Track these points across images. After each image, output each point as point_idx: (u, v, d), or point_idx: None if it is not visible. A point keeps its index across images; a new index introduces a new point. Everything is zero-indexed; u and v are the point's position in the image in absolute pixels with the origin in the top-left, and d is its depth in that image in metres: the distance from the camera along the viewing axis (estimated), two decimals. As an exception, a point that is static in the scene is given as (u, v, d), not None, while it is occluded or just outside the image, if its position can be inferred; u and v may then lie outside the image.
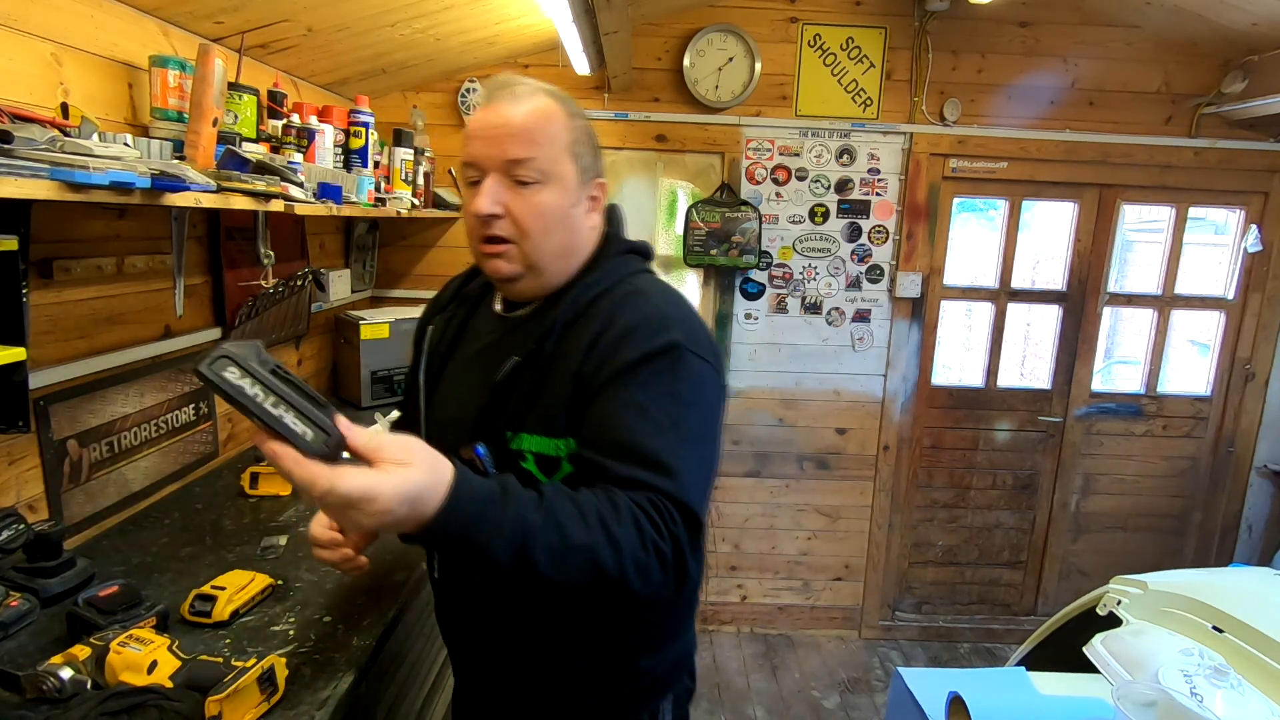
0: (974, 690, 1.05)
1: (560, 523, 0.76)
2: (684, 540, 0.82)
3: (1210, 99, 2.96)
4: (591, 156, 1.02)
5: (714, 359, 0.97)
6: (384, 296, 3.01)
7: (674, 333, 0.92)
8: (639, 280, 1.03)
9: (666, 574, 0.81)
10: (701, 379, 0.93)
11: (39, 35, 1.28)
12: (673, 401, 0.89)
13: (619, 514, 0.79)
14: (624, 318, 0.95)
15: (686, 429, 0.88)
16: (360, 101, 2.18)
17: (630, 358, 0.90)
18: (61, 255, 1.39)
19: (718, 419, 0.97)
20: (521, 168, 0.95)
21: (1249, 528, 3.31)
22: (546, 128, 0.96)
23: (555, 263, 1.01)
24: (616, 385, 0.90)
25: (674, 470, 0.84)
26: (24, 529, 1.20)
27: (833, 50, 2.92)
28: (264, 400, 0.62)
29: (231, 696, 0.92)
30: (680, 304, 1.00)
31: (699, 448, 0.90)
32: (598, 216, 1.05)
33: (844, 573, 3.32)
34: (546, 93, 0.99)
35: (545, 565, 0.75)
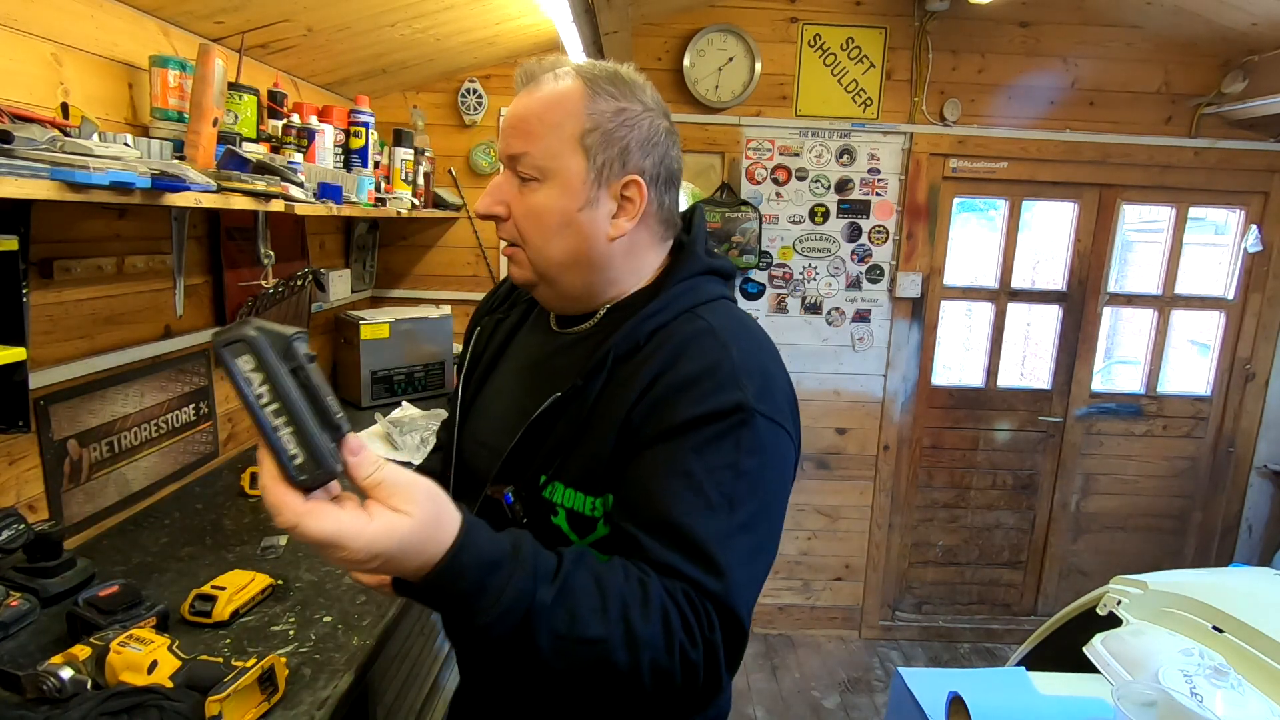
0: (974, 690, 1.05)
1: (574, 606, 0.65)
2: (720, 650, 0.70)
3: (1210, 99, 2.96)
4: (621, 150, 0.84)
5: (790, 424, 0.82)
6: (384, 296, 3.01)
7: (745, 390, 0.77)
8: (712, 313, 0.85)
9: (691, 684, 0.70)
10: (771, 450, 0.79)
11: (39, 35, 1.28)
12: (732, 477, 0.75)
13: (648, 606, 0.67)
14: (687, 363, 0.79)
15: (744, 513, 0.75)
16: (360, 101, 2.18)
17: (687, 415, 0.76)
18: (62, 255, 1.39)
19: (783, 499, 0.82)
20: (519, 163, 0.84)
21: (1249, 528, 3.31)
22: (548, 116, 0.83)
23: (569, 275, 0.88)
24: (668, 446, 0.77)
25: (721, 566, 0.71)
26: (24, 529, 1.20)
27: (833, 50, 2.92)
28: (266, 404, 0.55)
29: (231, 696, 0.92)
30: (759, 350, 0.84)
31: (755, 537, 0.76)
32: (629, 224, 0.86)
33: (844, 573, 3.32)
34: (578, 73, 0.85)
35: (548, 651, 0.65)
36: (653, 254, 0.91)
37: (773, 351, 0.87)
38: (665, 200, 0.90)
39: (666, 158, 0.88)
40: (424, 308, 2.78)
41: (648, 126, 0.86)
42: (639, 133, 0.85)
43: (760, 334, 0.88)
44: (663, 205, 0.90)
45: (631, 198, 0.86)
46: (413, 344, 2.60)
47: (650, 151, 0.86)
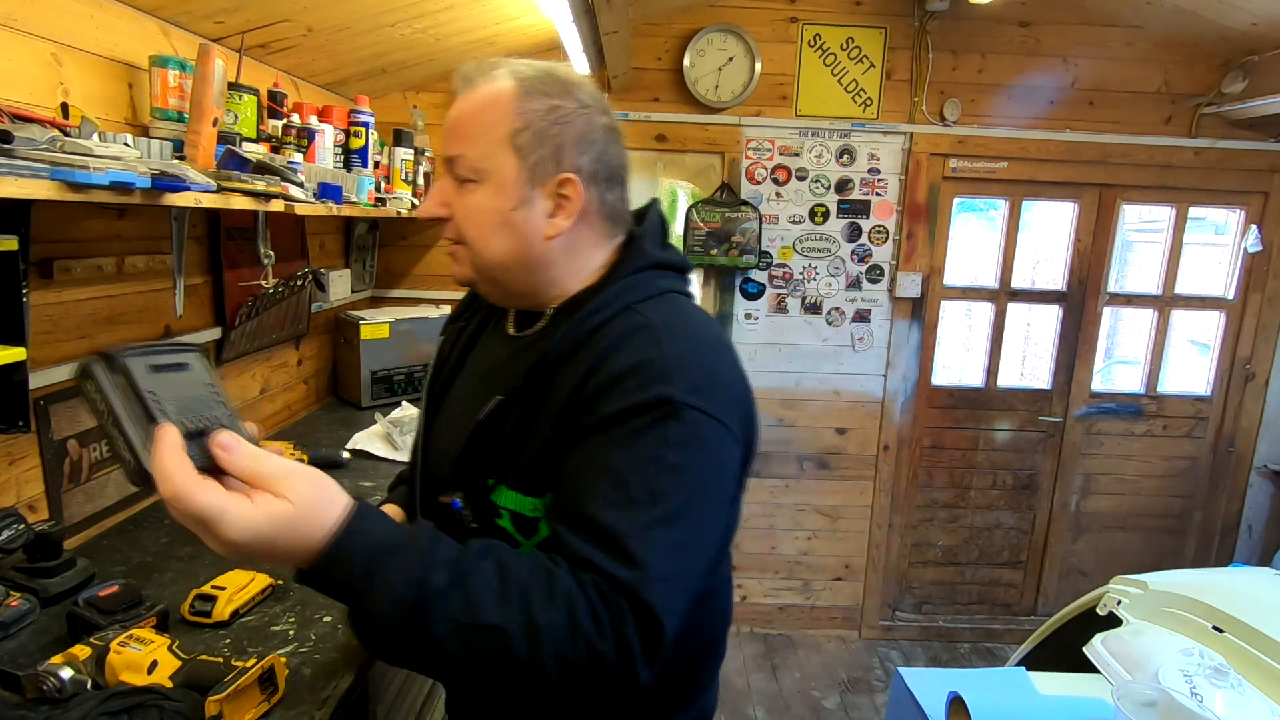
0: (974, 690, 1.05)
1: (470, 593, 0.65)
2: (635, 644, 0.67)
3: (1210, 99, 2.96)
4: (554, 149, 0.84)
5: (731, 419, 0.79)
6: (384, 296, 3.01)
7: (672, 384, 0.75)
8: (654, 308, 0.84)
9: (603, 677, 0.67)
10: (702, 444, 0.76)
11: (39, 35, 1.28)
12: (656, 470, 0.73)
13: (552, 595, 0.66)
14: (618, 359, 0.78)
15: (667, 506, 0.72)
16: (360, 101, 2.18)
17: (612, 410, 0.75)
18: (62, 255, 1.38)
19: (718, 494, 0.79)
20: (456, 165, 0.85)
21: (1249, 528, 3.31)
22: (480, 118, 0.83)
23: (510, 275, 0.88)
24: (594, 442, 0.76)
25: (638, 559, 0.69)
26: (24, 529, 1.20)
27: (833, 50, 2.92)
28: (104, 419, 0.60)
29: (232, 696, 0.92)
30: (698, 344, 0.82)
31: (679, 532, 0.73)
32: (566, 222, 0.86)
33: (844, 573, 3.32)
34: (511, 74, 0.84)
35: (444, 639, 0.64)
36: (598, 252, 0.91)
37: (718, 345, 0.85)
38: (608, 197, 0.89)
39: (606, 154, 0.88)
40: (424, 308, 2.78)
41: (583, 124, 0.85)
42: (573, 130, 0.84)
43: (706, 328, 0.86)
44: (605, 202, 0.89)
45: (568, 196, 0.85)
46: (413, 344, 2.60)
47: (587, 149, 0.86)
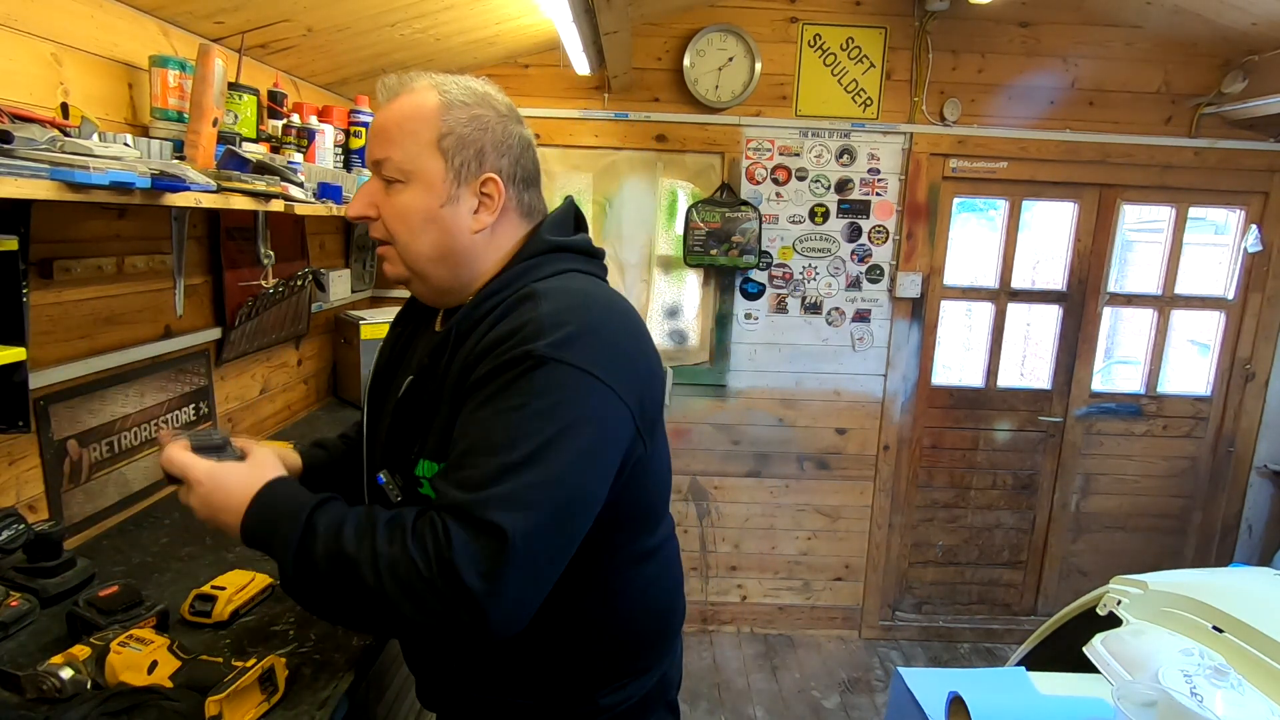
0: (974, 690, 1.05)
1: (340, 533, 0.80)
2: (459, 562, 0.74)
3: (1210, 99, 2.96)
4: (477, 151, 0.91)
5: (604, 372, 0.83)
6: (384, 296, 3.01)
7: (541, 340, 0.81)
8: (545, 283, 0.90)
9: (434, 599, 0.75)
10: (567, 392, 0.81)
11: (39, 35, 1.28)
12: (518, 417, 0.79)
13: (393, 531, 0.79)
14: (500, 328, 0.85)
15: (524, 446, 0.78)
16: (360, 101, 2.18)
17: (484, 371, 0.83)
18: (61, 255, 1.39)
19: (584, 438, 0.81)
20: (383, 168, 0.92)
21: (1249, 528, 3.31)
22: (406, 123, 0.90)
23: (438, 269, 0.94)
24: (472, 402, 0.83)
25: (479, 485, 0.77)
26: (24, 529, 1.20)
27: (833, 50, 2.92)
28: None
29: (231, 696, 0.92)
30: (575, 306, 0.86)
31: (539, 469, 0.78)
32: (489, 218, 0.93)
33: (844, 573, 3.32)
34: (433, 85, 0.92)
35: (325, 572, 0.80)
36: (510, 242, 0.98)
37: (608, 307, 0.91)
38: (525, 197, 0.98)
39: (522, 159, 0.96)
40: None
41: (501, 131, 0.94)
42: (493, 136, 0.93)
43: (597, 295, 0.91)
44: (522, 201, 0.97)
45: (491, 194, 0.93)
46: (413, 344, 2.60)
47: (505, 152, 0.94)
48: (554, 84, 2.88)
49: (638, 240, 3.07)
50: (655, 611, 1.04)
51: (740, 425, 3.17)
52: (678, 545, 1.12)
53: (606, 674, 1.00)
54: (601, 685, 0.99)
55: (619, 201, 3.04)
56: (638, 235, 3.07)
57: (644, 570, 1.01)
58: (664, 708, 1.10)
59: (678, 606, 1.11)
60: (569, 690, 0.98)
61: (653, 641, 1.05)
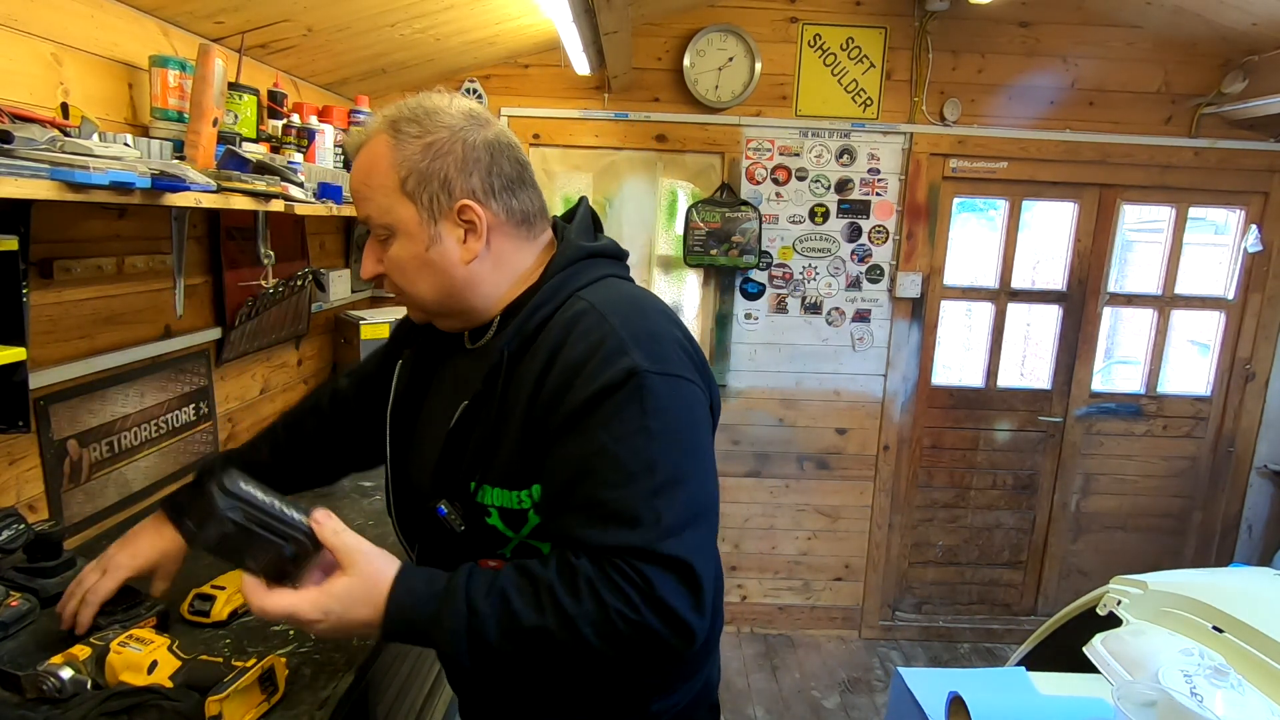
0: (974, 690, 1.05)
1: (510, 605, 0.76)
2: (670, 603, 0.74)
3: (1210, 99, 2.96)
4: (441, 181, 0.87)
5: (690, 372, 0.85)
6: (384, 297, 3.01)
7: (632, 356, 0.80)
8: (589, 293, 0.89)
9: (655, 643, 0.75)
10: (676, 403, 0.82)
11: (39, 35, 1.28)
12: (645, 440, 0.79)
13: (576, 586, 0.76)
14: (573, 346, 0.83)
15: (664, 469, 0.78)
16: (360, 101, 2.18)
17: (585, 395, 0.80)
18: (61, 255, 1.38)
19: (703, 443, 0.85)
20: (371, 227, 0.90)
21: (1249, 528, 3.31)
22: (370, 178, 0.88)
23: (449, 305, 0.93)
24: (576, 429, 0.81)
25: (647, 523, 0.76)
26: (24, 529, 1.20)
27: (833, 50, 2.92)
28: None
29: (231, 696, 0.92)
30: (638, 315, 0.87)
31: (684, 487, 0.79)
32: (478, 244, 0.90)
33: (844, 573, 3.32)
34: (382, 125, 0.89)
35: (507, 651, 0.76)
36: (523, 254, 0.95)
37: (658, 311, 0.90)
38: (514, 204, 0.92)
39: (494, 167, 0.90)
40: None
41: (461, 149, 0.88)
42: (454, 158, 0.87)
43: (644, 299, 0.92)
44: (512, 210, 0.92)
45: (471, 220, 0.89)
46: (413, 344, 2.60)
47: (473, 170, 0.88)
48: (554, 84, 2.88)
49: (638, 240, 3.07)
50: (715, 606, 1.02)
51: (740, 425, 3.17)
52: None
53: (659, 682, 0.99)
54: (655, 693, 0.98)
55: (619, 201, 3.04)
56: (638, 235, 3.07)
57: None
58: (706, 709, 1.09)
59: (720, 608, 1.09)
60: (624, 701, 0.97)
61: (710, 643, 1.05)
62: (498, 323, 0.95)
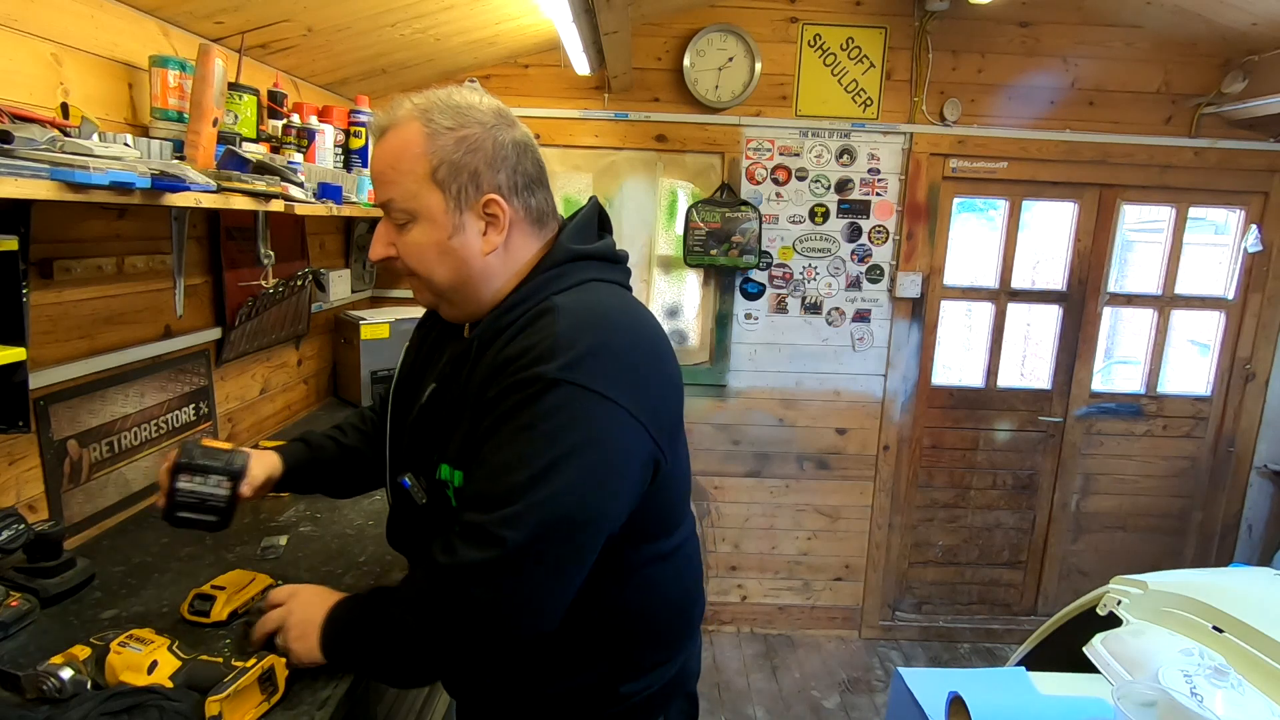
0: (974, 690, 1.05)
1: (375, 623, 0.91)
2: (463, 571, 0.82)
3: (1210, 99, 2.96)
4: (471, 174, 0.90)
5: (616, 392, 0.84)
6: (384, 296, 3.01)
7: (553, 362, 0.82)
8: (565, 296, 0.91)
9: (442, 607, 0.84)
10: (573, 413, 0.83)
11: (39, 35, 1.28)
12: (526, 437, 0.83)
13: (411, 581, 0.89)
14: (514, 345, 0.87)
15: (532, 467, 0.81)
16: (360, 101, 2.18)
17: (495, 390, 0.86)
18: (61, 255, 1.38)
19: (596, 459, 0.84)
20: (390, 210, 0.92)
21: (1249, 528, 3.31)
22: (399, 163, 0.90)
23: (460, 293, 0.96)
24: (483, 418, 0.87)
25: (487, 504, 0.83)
26: (24, 529, 1.19)
27: (833, 50, 2.92)
28: None
29: (232, 696, 0.92)
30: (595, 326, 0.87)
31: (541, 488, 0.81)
32: (499, 237, 0.93)
33: (844, 573, 3.32)
34: (413, 113, 0.90)
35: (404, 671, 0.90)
36: (529, 251, 0.98)
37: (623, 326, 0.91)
38: (531, 203, 0.96)
39: (520, 165, 0.94)
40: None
41: (491, 145, 0.91)
42: (484, 154, 0.91)
43: (615, 310, 0.93)
44: (529, 208, 0.96)
45: (495, 214, 0.93)
46: (413, 344, 2.60)
47: (500, 167, 0.92)
48: (554, 84, 2.89)
49: (638, 240, 3.07)
50: (675, 607, 1.07)
51: (740, 425, 3.17)
52: (698, 543, 1.14)
53: (627, 666, 1.03)
54: (623, 677, 1.02)
55: (619, 202, 3.04)
56: (638, 235, 3.07)
57: (664, 568, 1.03)
58: (683, 698, 1.14)
59: (698, 600, 1.14)
60: (593, 681, 1.01)
61: (672, 635, 1.08)
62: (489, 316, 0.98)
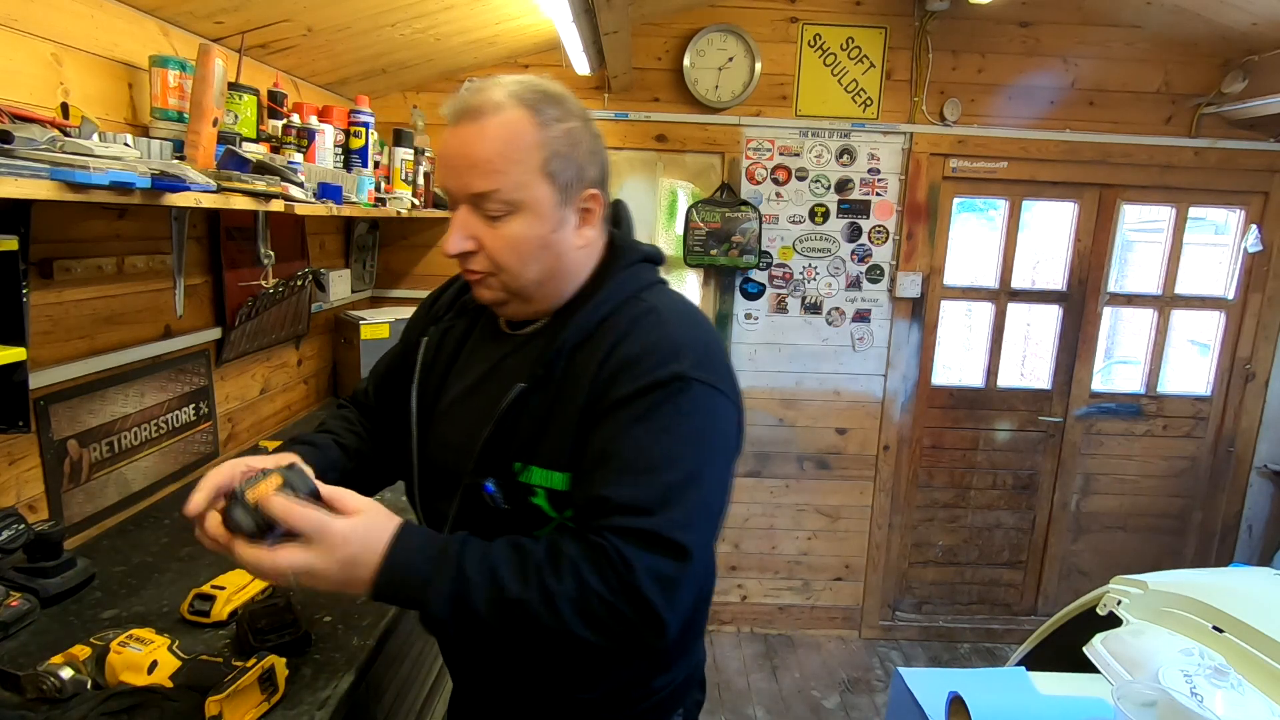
0: (974, 690, 1.05)
1: (497, 578, 0.78)
2: (645, 587, 0.76)
3: (1210, 99, 2.96)
4: (577, 167, 0.89)
5: (729, 389, 0.89)
6: (384, 296, 3.01)
7: (683, 361, 0.84)
8: (653, 296, 0.94)
9: (621, 624, 0.77)
10: (710, 411, 0.86)
11: (39, 35, 1.28)
12: (671, 438, 0.82)
13: (559, 564, 0.78)
14: (631, 343, 0.87)
15: (683, 467, 0.82)
16: (360, 101, 2.18)
17: (630, 389, 0.84)
18: (62, 255, 1.39)
19: (726, 455, 0.89)
20: (487, 201, 0.87)
21: (1249, 528, 3.31)
22: (510, 152, 0.86)
23: (541, 289, 0.93)
24: (615, 418, 0.84)
25: (655, 508, 0.79)
26: (24, 529, 1.20)
27: (833, 50, 2.92)
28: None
29: (231, 696, 0.92)
30: (696, 325, 0.92)
31: (697, 488, 0.82)
32: (591, 231, 0.94)
33: (844, 573, 3.32)
34: (517, 100, 0.87)
35: (489, 618, 0.77)
36: (599, 247, 0.98)
37: (710, 329, 0.95)
38: (606, 198, 0.97)
39: (605, 161, 0.95)
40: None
41: (588, 138, 0.91)
42: (585, 147, 0.90)
43: (697, 311, 0.96)
44: (606, 204, 0.97)
45: (591, 208, 0.93)
46: (413, 344, 2.60)
47: (595, 161, 0.92)
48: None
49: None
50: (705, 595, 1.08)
51: (740, 425, 3.17)
52: None
53: (662, 660, 1.03)
54: (656, 670, 1.02)
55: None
56: (638, 235, 3.06)
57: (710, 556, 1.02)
58: (697, 685, 1.14)
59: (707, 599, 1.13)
60: (629, 677, 1.01)
61: (700, 623, 1.10)
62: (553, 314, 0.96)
